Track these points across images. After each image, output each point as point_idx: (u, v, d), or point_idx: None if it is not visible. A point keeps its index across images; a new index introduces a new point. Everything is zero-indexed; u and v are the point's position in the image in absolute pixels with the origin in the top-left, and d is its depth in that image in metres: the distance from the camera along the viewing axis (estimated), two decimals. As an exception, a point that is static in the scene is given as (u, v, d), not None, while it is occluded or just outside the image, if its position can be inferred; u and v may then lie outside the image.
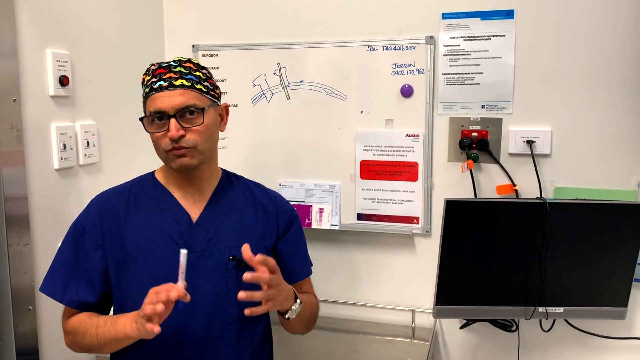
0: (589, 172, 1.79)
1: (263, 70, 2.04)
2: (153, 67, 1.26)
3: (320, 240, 2.08)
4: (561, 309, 1.73)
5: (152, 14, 2.09)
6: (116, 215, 1.28)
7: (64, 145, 1.60)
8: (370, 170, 1.97)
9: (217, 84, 2.17)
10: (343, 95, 1.97)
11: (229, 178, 1.41)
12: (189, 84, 1.24)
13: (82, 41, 1.70)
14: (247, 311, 1.14)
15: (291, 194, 2.05)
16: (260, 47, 2.03)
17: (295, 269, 1.42)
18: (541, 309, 1.73)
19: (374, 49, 1.92)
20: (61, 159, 1.59)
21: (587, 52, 1.75)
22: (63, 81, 1.58)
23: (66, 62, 1.61)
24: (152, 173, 1.37)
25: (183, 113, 1.22)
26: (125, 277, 1.26)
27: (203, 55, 2.09)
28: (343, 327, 2.01)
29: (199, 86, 1.25)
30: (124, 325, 1.16)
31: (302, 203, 2.04)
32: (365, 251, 2.04)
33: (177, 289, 1.09)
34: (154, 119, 1.23)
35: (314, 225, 2.02)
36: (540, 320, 1.86)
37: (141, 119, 1.25)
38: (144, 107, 1.27)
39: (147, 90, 1.24)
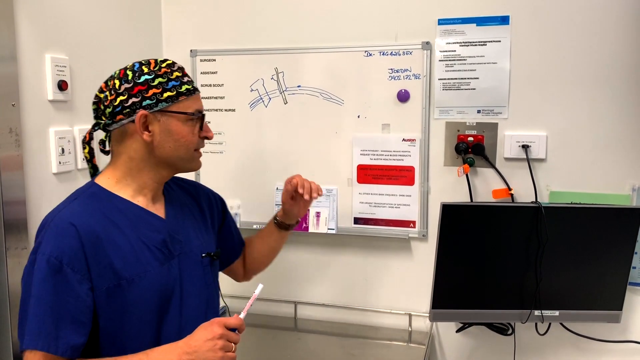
0: (583, 176, 1.80)
1: (261, 75, 2.05)
2: (178, 65, 1.25)
3: (317, 245, 2.08)
4: (557, 313, 1.75)
5: (151, 20, 2.10)
6: (98, 238, 1.13)
7: (63, 150, 1.60)
8: (367, 174, 1.99)
9: (216, 88, 2.21)
10: (340, 100, 1.99)
11: None
12: None
13: (81, 46, 1.70)
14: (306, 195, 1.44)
15: (288, 198, 2.05)
16: (258, 52, 2.04)
17: (239, 241, 1.57)
18: (537, 313, 1.74)
19: (370, 54, 1.93)
20: (59, 163, 1.59)
21: (582, 57, 1.76)
22: (62, 86, 1.59)
23: (65, 66, 1.62)
24: (95, 184, 1.23)
25: None
26: (120, 303, 1.15)
27: (201, 60, 2.10)
28: (340, 331, 2.02)
29: None
30: None
31: (300, 207, 2.04)
32: (362, 255, 2.05)
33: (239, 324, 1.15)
34: (192, 118, 1.23)
35: (311, 230, 2.03)
36: (536, 324, 1.86)
37: (197, 116, 1.23)
38: (171, 99, 1.19)
39: (189, 87, 1.23)
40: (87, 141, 1.26)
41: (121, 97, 1.18)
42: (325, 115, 2.00)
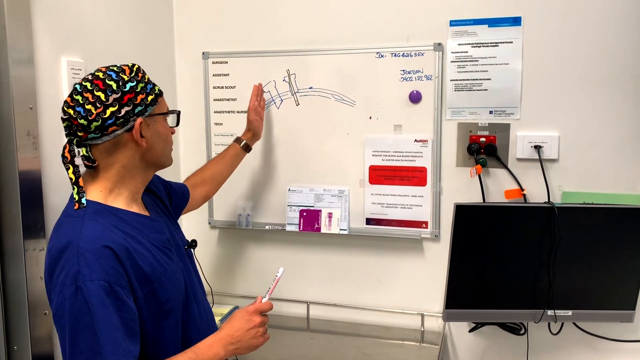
0: (596, 176, 1.80)
1: (272, 77, 2.06)
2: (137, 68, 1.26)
3: (330, 245, 2.09)
4: (570, 312, 1.75)
5: (163, 23, 2.12)
6: (127, 251, 1.16)
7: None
8: (379, 175, 1.99)
9: (228, 90, 2.21)
10: (352, 101, 1.99)
11: None
12: None
13: (96, 49, 1.72)
14: None
15: (300, 199, 2.06)
16: (269, 54, 2.05)
17: (183, 188, 1.65)
18: (550, 312, 1.74)
19: (382, 56, 1.94)
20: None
21: (594, 57, 1.76)
22: (78, 89, 1.60)
23: (80, 69, 1.63)
24: (89, 201, 1.20)
25: None
26: (156, 306, 1.20)
27: (213, 63, 2.11)
28: (352, 331, 2.03)
29: None
30: (214, 355, 1.22)
31: (312, 208, 2.05)
32: (374, 255, 2.05)
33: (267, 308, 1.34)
34: (169, 116, 1.30)
35: (323, 230, 2.04)
36: (549, 324, 1.87)
37: (177, 113, 1.33)
38: (154, 102, 1.23)
39: (158, 87, 1.28)
40: (69, 161, 1.20)
41: (112, 109, 1.16)
42: (337, 116, 2.01)
